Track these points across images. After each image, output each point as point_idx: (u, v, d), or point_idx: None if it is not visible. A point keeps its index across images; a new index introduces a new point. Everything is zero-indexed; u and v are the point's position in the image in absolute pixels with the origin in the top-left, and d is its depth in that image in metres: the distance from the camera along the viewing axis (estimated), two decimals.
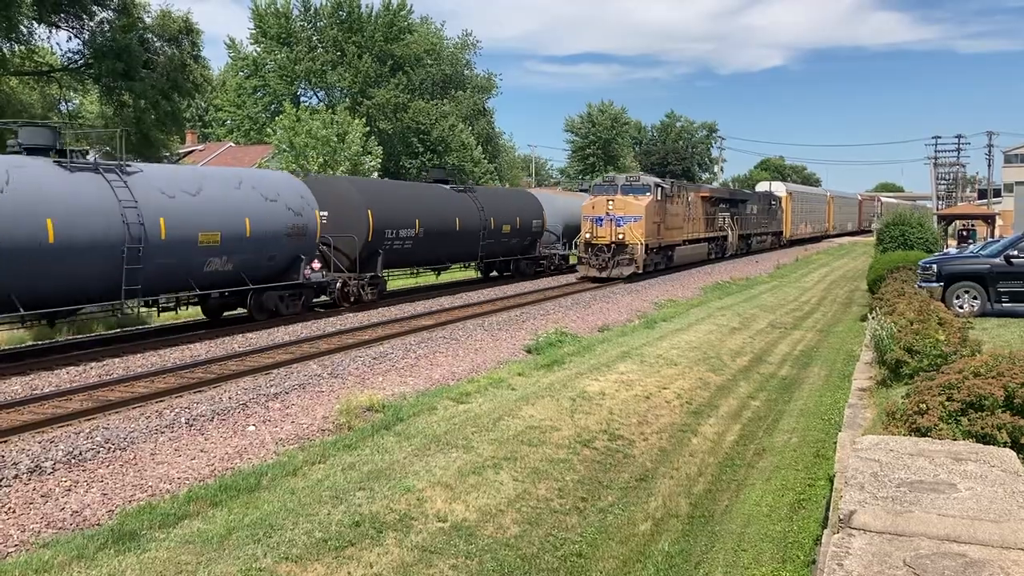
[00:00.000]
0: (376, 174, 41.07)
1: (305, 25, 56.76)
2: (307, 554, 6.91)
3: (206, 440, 9.78)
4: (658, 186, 30.07)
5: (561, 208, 33.60)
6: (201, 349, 15.27)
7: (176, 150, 41.42)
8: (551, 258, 32.48)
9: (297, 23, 56.37)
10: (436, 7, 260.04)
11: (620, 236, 28.17)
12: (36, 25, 28.55)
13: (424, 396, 12.05)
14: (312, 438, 10.07)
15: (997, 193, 76.59)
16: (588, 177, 72.78)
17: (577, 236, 31.17)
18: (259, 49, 57.24)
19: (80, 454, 8.97)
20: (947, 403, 6.75)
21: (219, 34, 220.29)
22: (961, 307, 17.09)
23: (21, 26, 26.67)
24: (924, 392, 7.07)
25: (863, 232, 79.12)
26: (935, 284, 17.47)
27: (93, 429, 9.89)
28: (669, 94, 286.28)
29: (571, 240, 33.29)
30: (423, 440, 9.95)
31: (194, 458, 9.16)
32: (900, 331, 11.75)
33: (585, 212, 29.49)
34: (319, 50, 55.04)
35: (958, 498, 4.16)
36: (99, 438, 9.50)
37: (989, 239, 32.39)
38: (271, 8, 56.12)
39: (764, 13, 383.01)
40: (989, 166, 79.67)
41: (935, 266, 17.96)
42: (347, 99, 53.24)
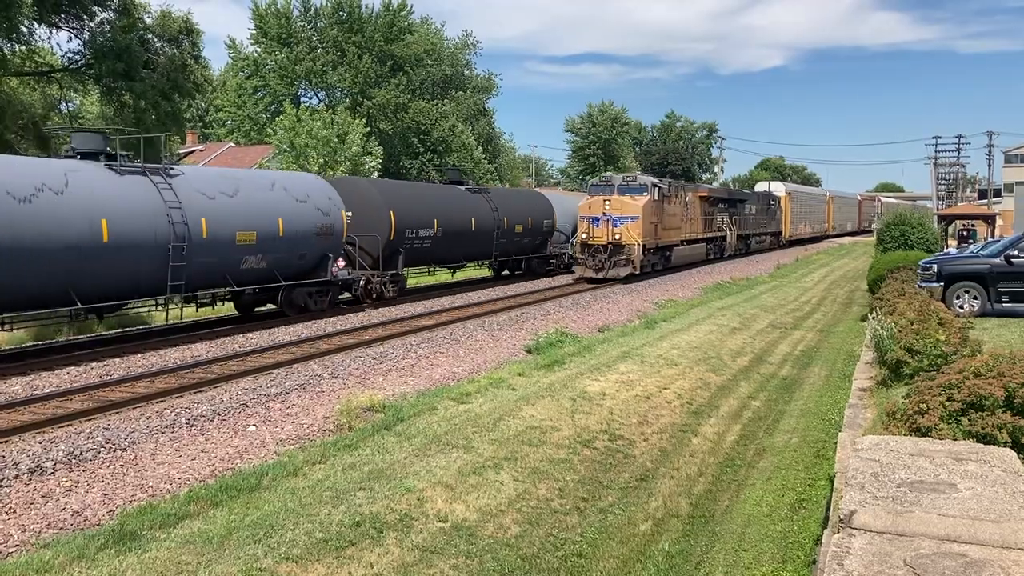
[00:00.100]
0: (376, 174, 41.03)
1: (305, 25, 56.80)
2: (308, 554, 6.92)
3: (207, 440, 9.79)
4: (655, 186, 29.84)
5: (570, 208, 33.81)
6: (202, 349, 15.28)
7: (176, 150, 41.42)
8: (561, 257, 32.64)
9: (297, 23, 56.40)
10: (436, 7, 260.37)
11: (617, 236, 27.96)
12: (36, 25, 28.57)
13: (425, 396, 12.05)
14: (312, 438, 10.07)
15: (997, 193, 76.58)
16: (589, 177, 72.75)
17: (574, 236, 31.20)
18: (259, 49, 57.29)
19: (81, 454, 8.98)
20: (947, 403, 6.75)
21: (219, 34, 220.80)
22: (961, 307, 17.09)
23: (21, 26, 26.70)
24: (924, 392, 7.07)
25: (863, 232, 79.11)
26: (935, 284, 17.47)
27: (94, 429, 9.90)
28: (669, 94, 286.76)
29: None
30: (423, 440, 9.95)
31: (195, 458, 9.16)
32: (900, 331, 11.75)
33: (581, 212, 29.20)
34: (319, 50, 55.06)
35: (958, 498, 4.16)
36: (100, 438, 9.50)
37: (989, 239, 32.38)
38: (271, 8, 56.16)
39: (764, 13, 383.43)
40: (989, 166, 79.83)
41: (935, 266, 17.96)
42: (347, 99, 53.24)
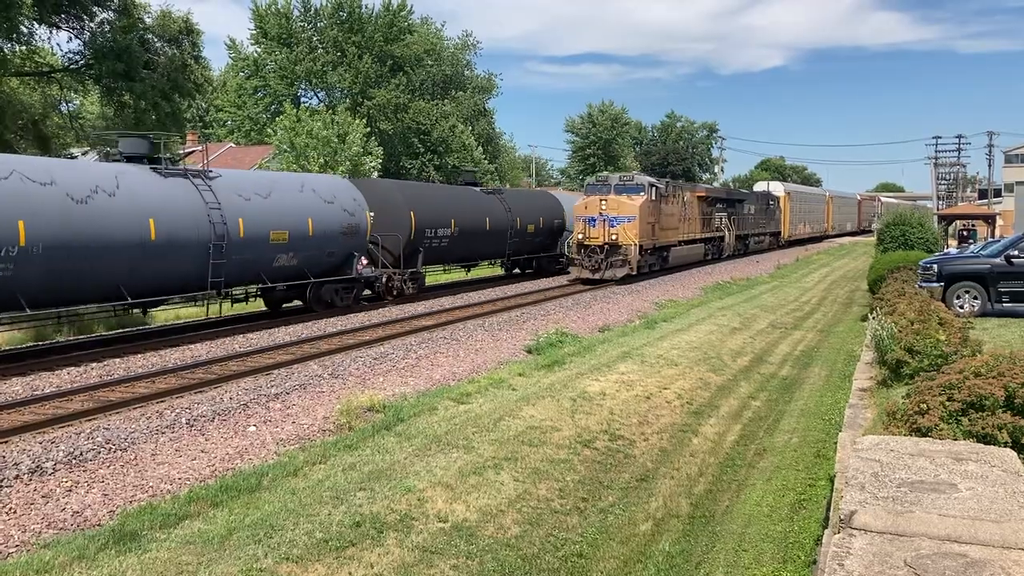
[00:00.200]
0: (376, 174, 41.03)
1: (305, 26, 56.78)
2: (308, 554, 6.92)
3: (207, 440, 9.79)
4: (652, 186, 29.57)
5: None
6: (202, 350, 15.29)
7: (177, 151, 41.37)
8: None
9: (297, 23, 56.38)
10: (436, 7, 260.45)
11: (613, 237, 27.67)
12: (36, 26, 28.52)
13: (425, 396, 12.05)
14: (313, 438, 10.07)
15: (997, 193, 76.54)
16: (589, 177, 72.70)
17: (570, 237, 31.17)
18: (259, 50, 57.26)
19: (81, 454, 8.98)
20: (948, 403, 6.75)
21: (219, 34, 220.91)
22: (961, 307, 17.09)
23: (22, 27, 26.69)
24: (925, 392, 7.07)
25: (863, 232, 79.09)
26: (936, 284, 17.47)
27: (94, 429, 9.90)
28: (669, 94, 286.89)
29: None
30: (424, 440, 9.95)
31: (195, 458, 9.16)
32: (901, 331, 11.75)
33: (578, 212, 28.79)
34: (319, 51, 55.03)
35: (959, 498, 4.16)
36: (100, 438, 9.50)
37: (989, 239, 32.39)
38: (271, 8, 56.14)
39: (764, 13, 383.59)
40: (989, 166, 79.80)
41: (936, 266, 17.96)
42: (347, 99, 53.22)
